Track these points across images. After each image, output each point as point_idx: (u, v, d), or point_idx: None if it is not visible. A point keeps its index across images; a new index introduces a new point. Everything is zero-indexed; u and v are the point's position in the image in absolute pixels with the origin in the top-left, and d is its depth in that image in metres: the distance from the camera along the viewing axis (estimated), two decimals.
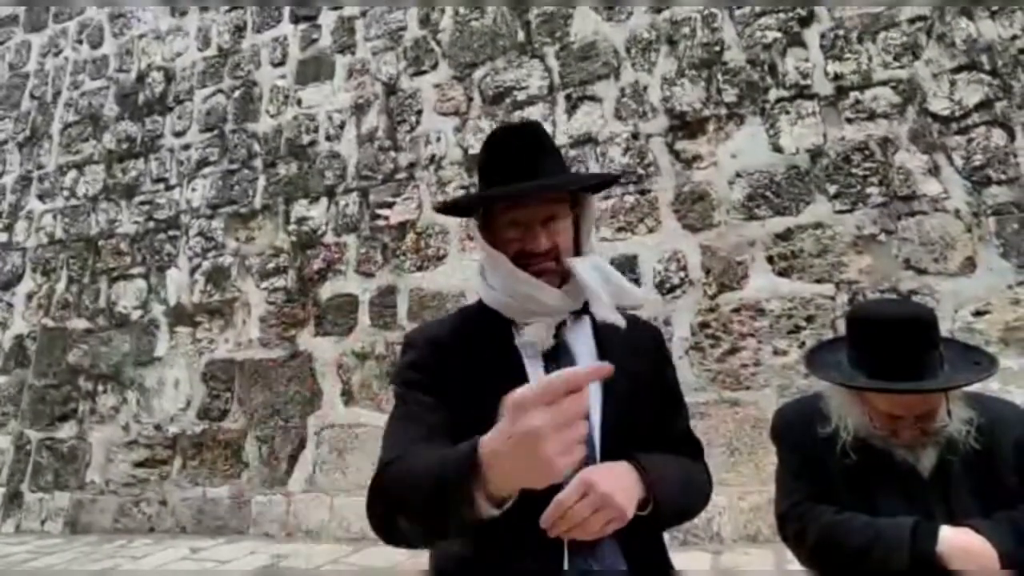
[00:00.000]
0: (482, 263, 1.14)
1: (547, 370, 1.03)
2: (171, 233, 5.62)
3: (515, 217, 1.07)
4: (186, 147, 5.78)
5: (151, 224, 5.73)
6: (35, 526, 5.31)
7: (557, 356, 1.06)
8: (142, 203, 5.83)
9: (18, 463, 5.60)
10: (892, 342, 1.22)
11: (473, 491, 0.75)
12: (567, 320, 1.08)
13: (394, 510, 0.90)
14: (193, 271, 5.43)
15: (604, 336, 1.09)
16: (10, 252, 6.30)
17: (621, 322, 1.06)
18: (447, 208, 1.24)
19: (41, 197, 6.33)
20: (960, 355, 1.31)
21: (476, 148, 4.71)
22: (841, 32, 3.96)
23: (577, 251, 1.12)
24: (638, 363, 1.10)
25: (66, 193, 6.21)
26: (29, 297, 6.06)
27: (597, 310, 1.06)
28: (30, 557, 4.47)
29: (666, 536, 1.12)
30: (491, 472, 0.73)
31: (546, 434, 0.67)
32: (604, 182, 1.25)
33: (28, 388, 5.79)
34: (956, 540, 1.18)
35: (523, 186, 1.05)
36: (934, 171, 3.61)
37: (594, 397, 1.02)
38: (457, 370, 1.04)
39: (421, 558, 1.03)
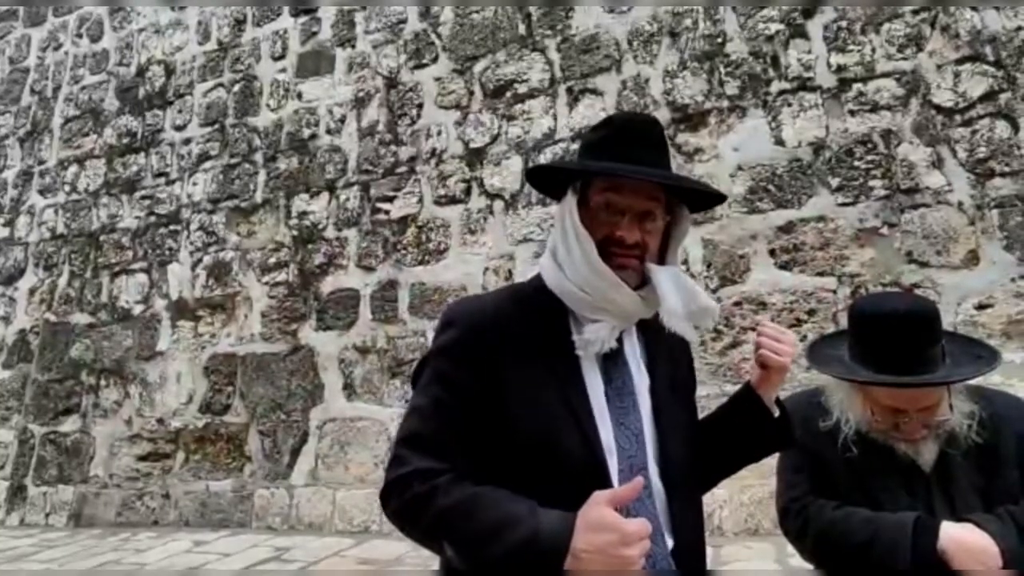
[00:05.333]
0: (555, 241, 1.04)
1: (603, 372, 1.00)
2: (172, 228, 5.62)
3: (612, 201, 0.99)
4: (187, 141, 5.77)
5: (152, 219, 5.73)
6: (39, 520, 5.34)
7: (613, 361, 1.01)
8: (143, 198, 5.82)
9: (22, 457, 5.63)
10: (894, 336, 1.21)
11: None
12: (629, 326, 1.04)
13: (447, 538, 0.91)
14: (194, 266, 5.43)
15: (650, 344, 1.07)
16: (12, 247, 6.31)
17: (694, 337, 1.05)
18: (544, 173, 1.12)
19: (42, 192, 6.33)
20: (962, 349, 1.31)
21: (477, 141, 4.70)
22: (844, 23, 3.93)
23: (661, 261, 1.05)
24: (677, 371, 1.11)
25: (67, 188, 6.20)
26: (32, 292, 6.07)
27: (672, 323, 0.99)
28: (34, 550, 4.50)
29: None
30: (574, 560, 0.82)
31: (636, 557, 0.82)
32: (710, 200, 1.14)
33: (31, 382, 5.81)
34: (958, 536, 1.17)
35: (645, 169, 0.99)
36: (937, 163, 3.59)
37: (644, 406, 1.02)
38: (503, 357, 0.96)
39: (424, 551, 1.01)
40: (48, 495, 5.41)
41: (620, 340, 1.01)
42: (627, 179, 0.99)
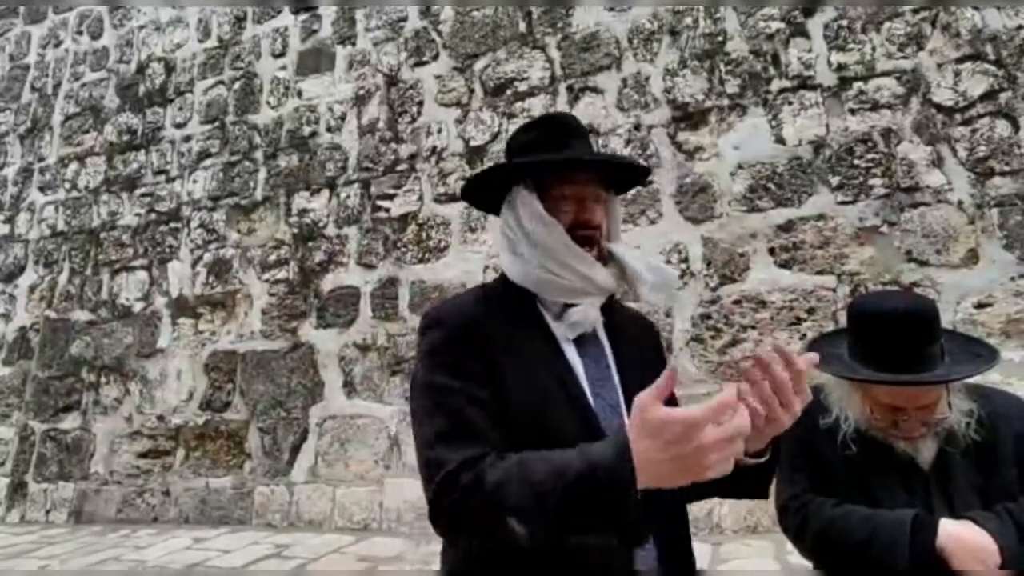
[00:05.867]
0: (513, 241, 1.08)
1: (580, 354, 1.04)
2: (173, 225, 5.62)
3: (569, 192, 1.06)
4: (187, 139, 5.77)
5: (152, 216, 5.73)
6: (40, 516, 5.35)
7: (586, 340, 1.06)
8: (143, 195, 5.82)
9: (22, 454, 5.63)
10: (893, 334, 1.21)
11: (636, 490, 0.78)
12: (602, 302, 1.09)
13: (506, 511, 0.84)
14: (195, 263, 5.43)
15: (613, 325, 1.12)
16: (12, 244, 6.31)
17: (663, 302, 1.08)
18: (487, 176, 1.14)
19: (43, 189, 6.33)
20: (961, 347, 1.31)
21: (477, 139, 4.70)
22: (845, 22, 3.92)
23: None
24: (644, 351, 1.15)
25: (67, 185, 6.20)
26: (32, 289, 6.07)
27: (642, 291, 1.07)
28: (34, 547, 4.51)
29: None
30: (640, 474, 0.78)
31: (713, 447, 0.74)
32: (634, 180, 1.24)
33: (32, 379, 5.81)
34: (956, 533, 1.17)
35: (602, 155, 1.08)
36: (937, 162, 3.60)
37: (615, 381, 1.06)
38: (494, 349, 0.99)
39: (423, 548, 1.00)
40: (48, 492, 5.41)
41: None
42: (581, 167, 1.07)
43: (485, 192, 1.16)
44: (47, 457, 5.53)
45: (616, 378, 1.06)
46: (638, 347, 1.13)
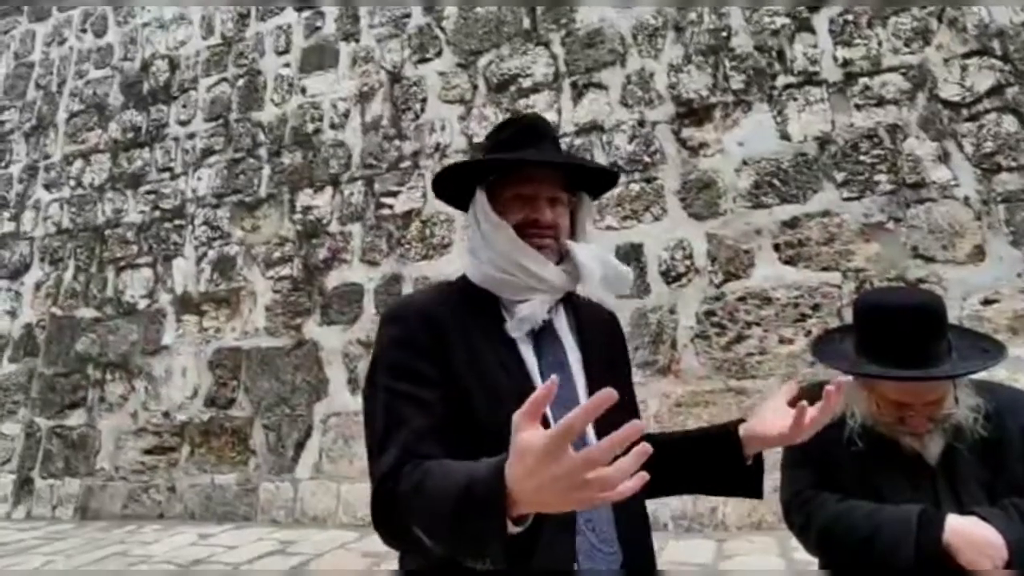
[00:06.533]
0: (472, 241, 1.12)
1: (536, 350, 1.04)
2: (177, 222, 5.64)
3: (522, 192, 1.08)
4: (191, 136, 5.78)
5: (157, 213, 5.74)
6: (46, 512, 5.38)
7: (544, 338, 1.06)
8: (148, 192, 5.84)
9: (29, 450, 5.66)
10: (900, 330, 1.20)
11: (504, 519, 0.73)
12: (556, 300, 1.10)
13: (414, 524, 0.85)
14: (199, 260, 5.44)
15: (581, 321, 1.13)
16: (18, 241, 6.33)
17: (613, 303, 1.11)
18: (450, 175, 1.16)
19: (48, 187, 6.35)
20: (968, 343, 1.30)
21: (481, 136, 4.69)
22: (851, 17, 3.90)
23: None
24: (610, 347, 1.17)
25: (72, 183, 6.22)
26: (37, 286, 6.10)
27: (592, 290, 1.08)
28: (41, 543, 4.53)
29: (670, 524, 1.14)
30: (522, 495, 0.72)
31: (581, 478, 0.67)
32: (608, 182, 1.23)
33: (38, 376, 5.84)
34: (963, 528, 1.17)
35: (553, 156, 1.10)
36: (943, 158, 3.58)
37: (578, 379, 1.06)
38: (450, 347, 1.00)
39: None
40: (55, 488, 5.44)
41: (548, 319, 1.07)
42: (535, 168, 1.08)
43: (458, 192, 1.18)
44: (53, 453, 5.55)
45: (582, 377, 1.06)
46: (603, 343, 1.14)
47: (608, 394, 0.68)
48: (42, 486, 5.50)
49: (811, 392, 1.07)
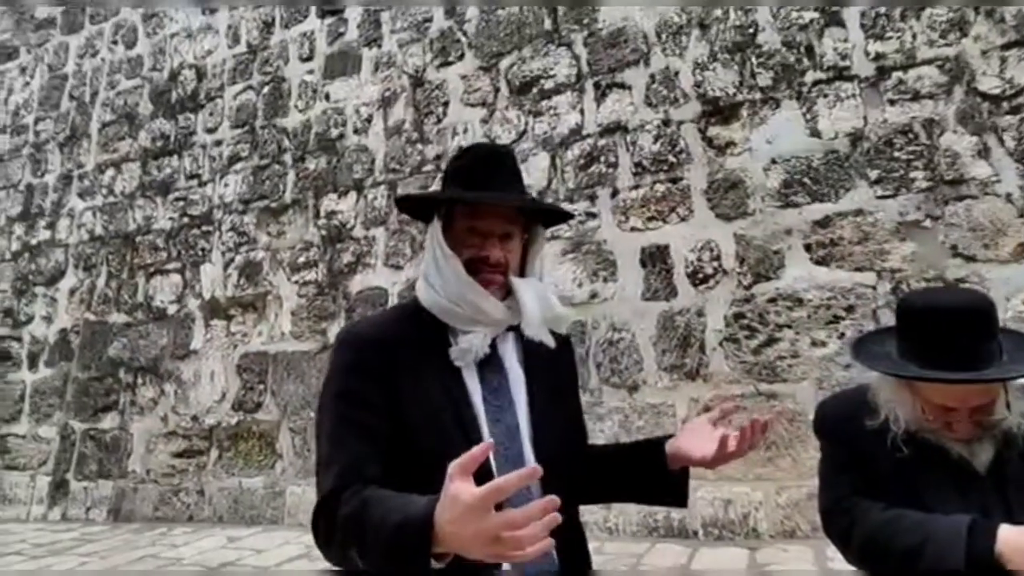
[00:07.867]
0: (427, 265, 1.16)
1: (481, 377, 1.09)
2: (204, 228, 5.73)
3: (475, 226, 1.12)
4: (218, 143, 5.87)
5: (185, 220, 5.84)
6: (80, 514, 5.49)
7: (489, 366, 1.11)
8: (176, 199, 5.94)
9: (64, 453, 5.80)
10: (948, 331, 1.15)
11: (429, 557, 0.81)
12: (499, 333, 1.15)
13: (348, 548, 0.92)
14: (226, 265, 5.52)
15: (529, 350, 1.16)
16: (53, 249, 6.50)
17: (550, 341, 1.15)
18: (411, 201, 1.29)
19: (81, 195, 6.51)
20: (1020, 345, 1.24)
21: (503, 139, 4.68)
22: (883, 10, 3.80)
23: (521, 273, 1.18)
24: (556, 376, 1.21)
25: (105, 191, 6.37)
26: (72, 292, 6.25)
27: (529, 328, 1.11)
28: (76, 544, 4.63)
29: (700, 532, 1.15)
30: (448, 540, 0.78)
31: (497, 536, 0.74)
32: (558, 217, 1.33)
33: (72, 380, 5.97)
34: (1016, 539, 1.11)
35: (506, 196, 1.13)
36: (983, 153, 3.45)
37: (520, 406, 1.11)
38: (398, 373, 1.05)
39: None
40: (89, 490, 5.56)
41: (494, 347, 1.12)
42: (488, 206, 1.12)
43: (420, 208, 1.29)
44: (87, 456, 5.67)
45: (523, 404, 1.11)
46: (553, 372, 1.19)
47: (534, 471, 0.77)
48: (77, 488, 5.62)
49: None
